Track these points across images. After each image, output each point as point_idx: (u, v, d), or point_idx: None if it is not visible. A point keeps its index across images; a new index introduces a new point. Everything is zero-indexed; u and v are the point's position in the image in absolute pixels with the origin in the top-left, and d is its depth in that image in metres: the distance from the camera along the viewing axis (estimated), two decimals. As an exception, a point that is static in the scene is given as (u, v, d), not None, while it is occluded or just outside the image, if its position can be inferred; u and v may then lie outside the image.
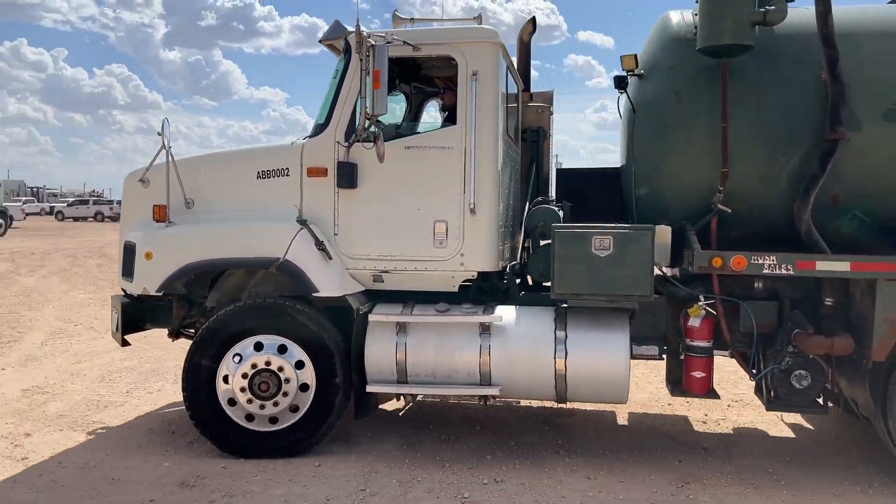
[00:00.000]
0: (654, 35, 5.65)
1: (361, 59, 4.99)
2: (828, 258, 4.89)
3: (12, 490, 4.81)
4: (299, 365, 5.41)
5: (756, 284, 5.34)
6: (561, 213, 5.81)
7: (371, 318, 5.40)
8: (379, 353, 5.39)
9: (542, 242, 5.54)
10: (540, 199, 6.15)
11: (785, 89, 5.10)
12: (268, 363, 5.40)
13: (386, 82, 4.98)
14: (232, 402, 5.46)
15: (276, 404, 5.42)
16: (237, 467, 5.17)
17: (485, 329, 5.32)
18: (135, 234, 5.85)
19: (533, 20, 7.17)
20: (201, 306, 6.00)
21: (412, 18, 5.93)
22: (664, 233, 5.16)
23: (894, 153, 4.96)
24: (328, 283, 5.42)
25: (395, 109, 6.77)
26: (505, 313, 5.39)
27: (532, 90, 7.12)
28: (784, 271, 4.93)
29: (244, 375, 5.40)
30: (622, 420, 6.55)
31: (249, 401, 5.43)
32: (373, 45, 4.95)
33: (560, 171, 7.03)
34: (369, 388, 5.39)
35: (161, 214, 5.78)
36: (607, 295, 5.10)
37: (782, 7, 4.83)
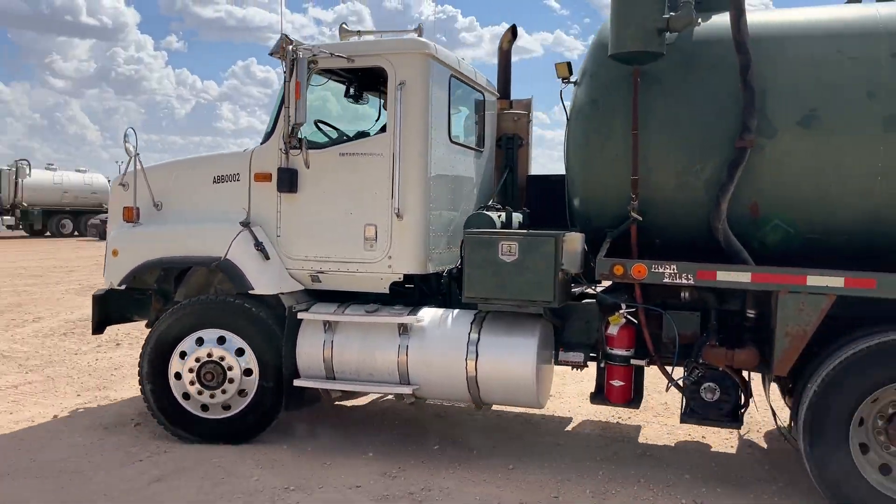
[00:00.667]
0: (591, 42, 5.66)
1: (285, 71, 5.31)
2: (729, 268, 4.76)
3: (241, 464, 5.40)
4: (239, 352, 5.78)
5: (682, 294, 5.24)
6: (501, 220, 5.90)
7: (300, 315, 5.69)
8: (308, 349, 5.69)
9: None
10: (487, 204, 6.24)
11: (702, 96, 4.99)
12: (209, 354, 5.80)
13: (305, 93, 5.28)
14: (186, 395, 5.90)
15: (224, 392, 5.82)
16: (434, 462, 5.47)
17: (404, 329, 5.50)
18: (110, 234, 6.42)
19: (513, 29, 7.26)
20: (174, 301, 6.49)
21: (358, 32, 6.19)
22: (574, 240, 5.17)
23: (809, 161, 4.76)
24: (264, 281, 5.76)
25: (370, 115, 7.03)
26: (427, 315, 5.56)
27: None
28: (685, 281, 4.84)
29: (191, 370, 5.83)
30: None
31: (200, 392, 5.85)
32: (294, 58, 5.25)
33: (530, 178, 7.09)
34: (297, 383, 5.68)
35: (129, 215, 6.31)
36: (513, 300, 5.16)
37: (688, 13, 4.76)
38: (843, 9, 5.12)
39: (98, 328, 6.47)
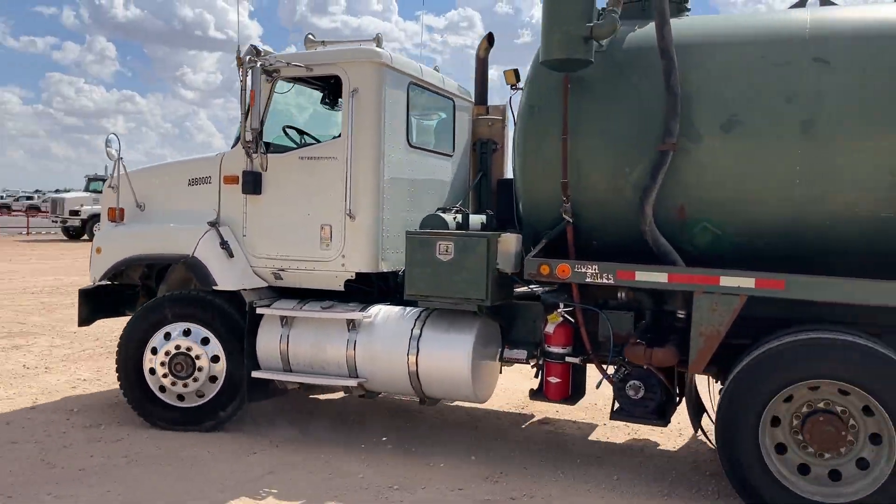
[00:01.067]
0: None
1: (241, 80, 5.66)
2: (647, 269, 4.89)
3: (347, 461, 5.60)
4: (205, 341, 6.14)
5: (619, 295, 5.38)
6: (457, 221, 6.11)
7: (259, 311, 6.02)
8: (266, 342, 6.01)
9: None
10: (445, 207, 6.46)
11: (632, 102, 5.13)
12: (178, 347, 6.18)
13: (260, 100, 5.63)
14: (162, 388, 6.29)
15: (195, 380, 6.18)
16: (536, 469, 5.53)
17: (353, 325, 5.77)
18: (96, 233, 6.89)
19: (489, 36, 7.48)
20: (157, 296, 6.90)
21: (323, 42, 6.49)
22: (508, 241, 5.36)
23: (732, 164, 4.86)
24: (227, 278, 6.11)
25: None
26: (375, 312, 5.82)
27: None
28: (605, 280, 4.99)
29: (162, 363, 6.21)
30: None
31: (174, 383, 6.23)
32: (249, 68, 5.59)
33: (500, 181, 7.28)
34: (255, 374, 6.00)
35: (112, 215, 6.75)
36: (450, 297, 5.39)
37: (610, 22, 4.91)
38: (771, 15, 5.21)
39: (85, 321, 6.91)
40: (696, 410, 5.25)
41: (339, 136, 5.98)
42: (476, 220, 6.35)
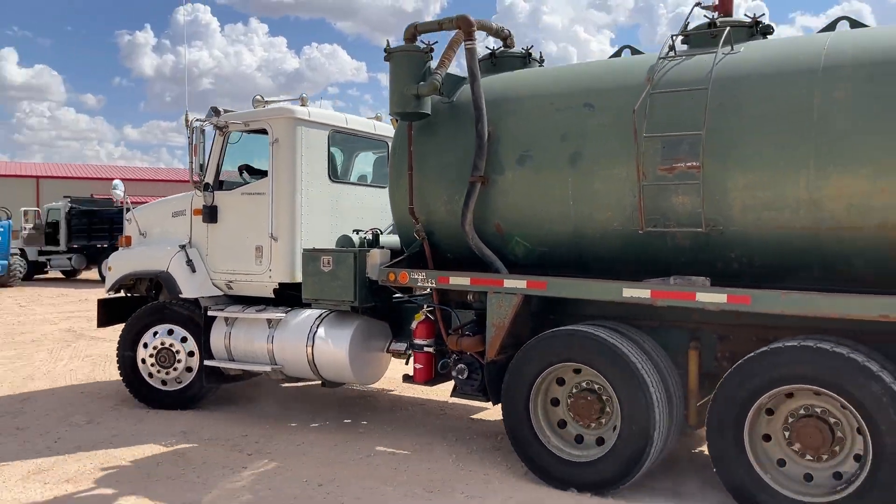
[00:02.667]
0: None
1: (188, 136, 7.46)
2: (457, 275, 6.19)
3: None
4: (183, 339, 7.94)
5: (468, 297, 6.65)
6: (367, 239, 7.55)
7: (211, 313, 7.74)
8: (216, 338, 7.72)
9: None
10: (359, 229, 7.89)
11: (459, 143, 6.42)
12: (163, 343, 8.01)
13: (203, 152, 7.40)
14: (150, 375, 8.15)
15: (175, 369, 8.00)
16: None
17: (272, 323, 7.37)
18: (111, 256, 8.92)
19: None
20: (160, 304, 8.81)
21: (266, 101, 8.17)
22: (374, 255, 6.78)
23: (526, 191, 6.05)
24: (189, 288, 7.88)
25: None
26: (291, 313, 7.38)
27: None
28: (431, 284, 6.32)
29: (151, 356, 8.07)
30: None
31: (159, 371, 8.08)
32: (194, 126, 7.38)
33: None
34: (207, 363, 7.71)
35: (123, 242, 8.75)
36: (331, 300, 6.87)
37: (431, 83, 6.27)
38: (562, 69, 6.39)
39: (104, 324, 8.92)
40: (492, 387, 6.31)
41: (267, 174, 7.63)
42: (390, 239, 7.76)
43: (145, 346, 8.14)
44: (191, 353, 7.96)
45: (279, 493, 5.54)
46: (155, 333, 8.10)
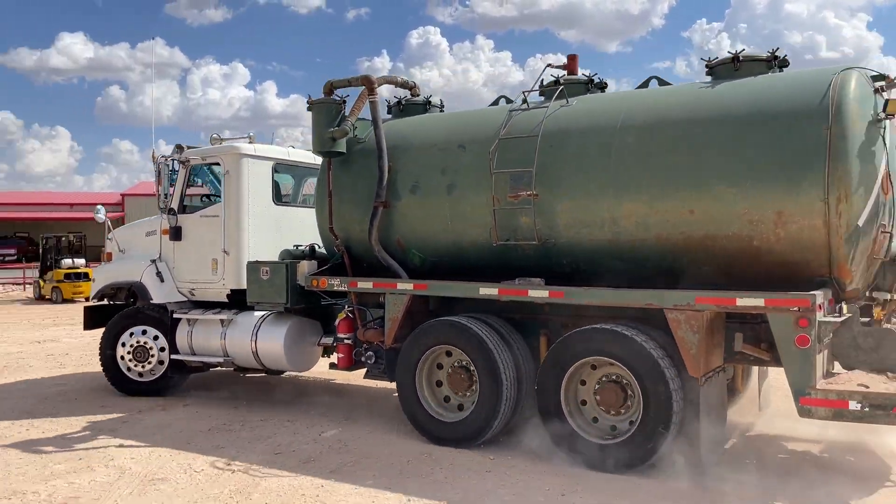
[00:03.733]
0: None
1: (156, 171, 9.09)
2: (363, 280, 7.81)
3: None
4: (155, 338, 9.55)
5: (380, 299, 8.25)
6: (304, 252, 9.13)
7: (175, 315, 9.35)
8: (180, 336, 9.33)
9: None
10: (299, 244, 9.48)
11: (367, 175, 8.04)
12: (138, 341, 9.62)
13: (165, 184, 9.03)
14: (128, 368, 9.76)
15: (149, 363, 9.60)
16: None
17: (224, 323, 8.98)
18: (94, 270, 10.55)
19: None
20: (137, 310, 10.43)
21: (222, 139, 9.80)
22: (303, 266, 8.39)
23: (417, 214, 7.67)
24: (158, 294, 9.50)
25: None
26: (240, 315, 8.98)
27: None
28: (343, 287, 7.93)
29: (129, 352, 9.67)
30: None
31: (136, 365, 9.68)
32: (159, 162, 9.02)
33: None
34: (173, 357, 9.32)
35: (104, 258, 10.38)
36: (269, 302, 8.48)
37: (343, 128, 7.92)
38: (448, 116, 8.05)
39: (89, 328, 10.52)
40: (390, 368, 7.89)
41: (221, 200, 9.26)
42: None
43: (123, 344, 9.72)
44: (162, 349, 9.55)
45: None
46: (131, 334, 9.69)
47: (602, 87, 7.58)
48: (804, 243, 5.73)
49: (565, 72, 7.77)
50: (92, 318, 10.54)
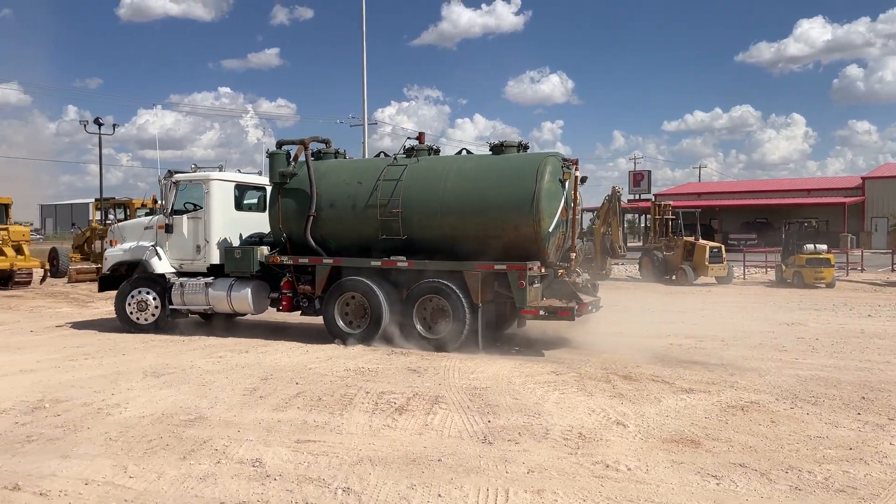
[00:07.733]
0: (283, 171, 14.49)
1: (160, 187, 14.39)
2: (304, 258, 13.55)
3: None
4: (154, 298, 14.80)
5: (309, 269, 13.95)
6: (255, 241, 14.66)
7: (171, 281, 14.67)
8: (175, 294, 14.65)
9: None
10: (256, 235, 15.02)
11: (304, 196, 13.70)
12: (142, 298, 14.82)
13: (168, 196, 14.35)
14: (132, 314, 14.92)
15: (148, 312, 14.82)
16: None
17: (207, 286, 14.42)
18: (106, 251, 15.63)
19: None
20: (132, 279, 15.56)
21: (200, 168, 15.10)
22: (264, 249, 14.00)
23: (333, 221, 13.45)
24: (158, 267, 14.76)
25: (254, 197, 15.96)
26: (218, 280, 14.43)
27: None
28: (289, 262, 13.65)
29: (134, 305, 14.85)
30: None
31: (139, 313, 14.87)
32: (163, 184, 14.31)
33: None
34: (170, 306, 14.63)
35: (112, 243, 15.47)
36: (240, 271, 14.04)
37: (289, 169, 13.60)
38: (360, 162, 13.97)
39: (103, 290, 15.59)
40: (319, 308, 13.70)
41: (202, 207, 14.64)
42: (267, 240, 14.93)
43: (131, 299, 14.90)
44: (156, 306, 14.81)
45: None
46: (138, 292, 14.89)
47: (437, 151, 13.71)
48: (526, 239, 12.08)
49: (418, 141, 13.83)
50: (104, 284, 15.62)
